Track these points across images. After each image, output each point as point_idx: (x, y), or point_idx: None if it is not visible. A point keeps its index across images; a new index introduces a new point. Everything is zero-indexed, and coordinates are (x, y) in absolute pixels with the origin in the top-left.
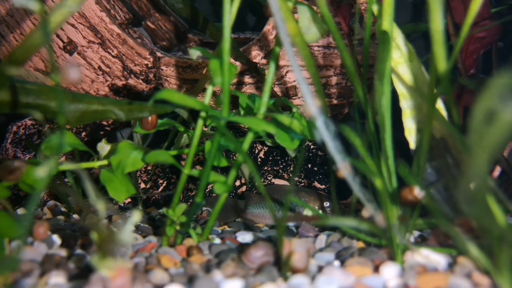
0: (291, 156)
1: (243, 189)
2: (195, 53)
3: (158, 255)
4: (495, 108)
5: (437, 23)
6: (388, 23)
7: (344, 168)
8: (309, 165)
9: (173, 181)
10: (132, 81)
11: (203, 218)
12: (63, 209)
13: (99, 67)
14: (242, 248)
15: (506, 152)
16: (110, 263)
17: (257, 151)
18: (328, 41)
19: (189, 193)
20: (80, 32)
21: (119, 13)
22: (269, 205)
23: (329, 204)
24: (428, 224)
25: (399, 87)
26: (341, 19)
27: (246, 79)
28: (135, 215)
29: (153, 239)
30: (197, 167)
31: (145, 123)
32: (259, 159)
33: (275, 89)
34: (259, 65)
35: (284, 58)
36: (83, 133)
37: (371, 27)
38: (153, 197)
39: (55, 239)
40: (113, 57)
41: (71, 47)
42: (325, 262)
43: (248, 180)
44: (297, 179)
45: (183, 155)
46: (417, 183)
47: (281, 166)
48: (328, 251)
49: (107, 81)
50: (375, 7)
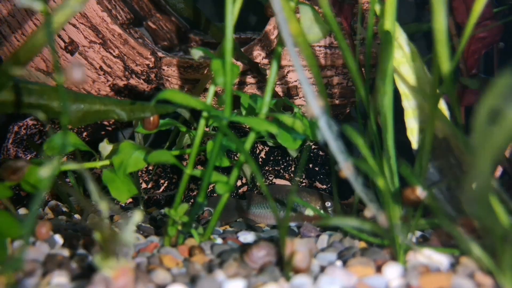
0: (293, 156)
1: (244, 189)
2: (197, 53)
3: (160, 255)
4: (499, 107)
5: (441, 22)
6: (390, 23)
7: (346, 168)
8: (310, 165)
9: (174, 181)
10: (133, 81)
11: (204, 218)
12: (64, 209)
13: (101, 67)
14: (244, 248)
15: (507, 152)
16: (112, 263)
17: (258, 151)
18: (329, 41)
19: (190, 193)
20: (81, 32)
21: (120, 13)
22: (271, 205)
23: (330, 204)
24: (430, 224)
25: (401, 87)
26: (342, 19)
27: (247, 79)
28: (137, 215)
29: (155, 239)
30: (198, 167)
31: (147, 123)
32: (260, 159)
33: (276, 89)
34: (260, 65)
35: (285, 58)
36: (84, 133)
37: (373, 27)
38: (155, 197)
39: (57, 239)
40: (115, 57)
41: (72, 47)
42: (327, 262)
43: (249, 180)
44: (298, 179)
45: (184, 155)
46: (419, 183)
47: (282, 166)
48: (330, 251)
49: (108, 81)
50: (377, 7)
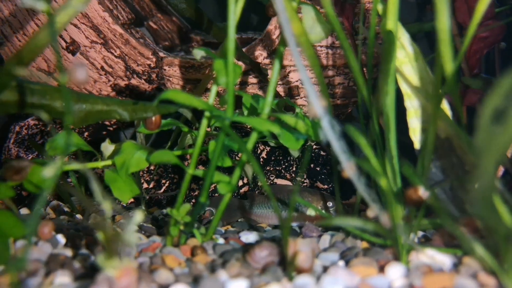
0: (294, 156)
1: (245, 189)
2: (199, 53)
3: (162, 255)
4: (503, 107)
5: (444, 22)
6: (392, 23)
7: (349, 168)
8: (312, 165)
9: (176, 181)
10: (134, 81)
11: (206, 218)
12: (66, 209)
13: (102, 67)
14: (246, 248)
15: (509, 152)
16: (116, 263)
17: (259, 151)
18: (330, 41)
19: (192, 193)
20: (82, 32)
21: (122, 13)
22: (273, 205)
23: (332, 204)
24: (432, 224)
25: (404, 87)
26: (344, 18)
27: (249, 79)
28: (138, 215)
29: (157, 239)
30: (199, 167)
31: (149, 123)
32: (261, 159)
33: (278, 89)
34: (261, 65)
35: (286, 58)
36: (86, 133)
37: (375, 27)
38: (156, 197)
39: (60, 238)
40: (116, 57)
41: (74, 47)
42: (330, 262)
43: (251, 180)
44: (299, 179)
45: (186, 155)
46: (421, 183)
47: (284, 166)
48: (332, 251)
49: (109, 81)
50: (379, 7)
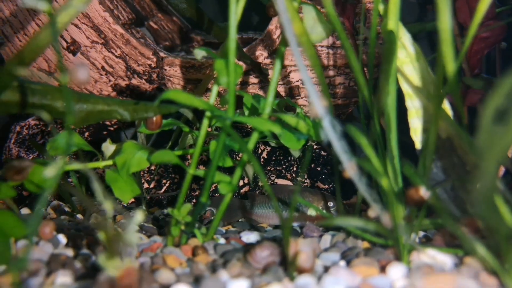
0: (295, 156)
1: (246, 189)
2: (200, 53)
3: (163, 255)
4: (505, 107)
5: (445, 22)
6: (393, 23)
7: (350, 168)
8: (312, 165)
9: (176, 181)
10: (135, 81)
11: (206, 218)
12: (67, 209)
13: (103, 67)
14: (247, 248)
15: (509, 152)
16: (117, 263)
17: (260, 151)
18: (331, 41)
19: (192, 193)
20: (83, 32)
21: (122, 13)
22: (274, 205)
23: (333, 204)
24: (434, 224)
25: (405, 87)
26: (345, 18)
27: (249, 79)
28: (139, 215)
29: (158, 239)
30: (200, 167)
31: (150, 123)
32: (262, 159)
33: (278, 89)
34: (262, 65)
35: (287, 58)
36: (86, 133)
37: (376, 27)
38: (157, 197)
39: (61, 238)
40: (117, 57)
41: (74, 47)
42: (331, 262)
43: (251, 180)
44: (300, 179)
45: (186, 155)
46: (423, 183)
47: (284, 166)
48: (333, 251)
49: (110, 81)
50: (380, 7)
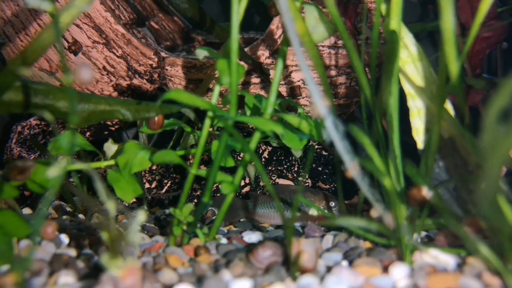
0: (297, 156)
1: (247, 189)
2: (202, 53)
3: (165, 254)
4: (508, 108)
5: (448, 22)
6: (396, 23)
7: (352, 168)
8: (314, 165)
9: (178, 181)
10: (136, 81)
11: (208, 218)
12: (68, 209)
13: (104, 67)
14: (249, 248)
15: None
16: (120, 262)
17: (261, 151)
18: (332, 40)
19: (193, 193)
20: (85, 32)
21: (124, 13)
22: (277, 205)
23: (334, 204)
24: (436, 224)
25: (407, 87)
26: (346, 18)
27: (251, 79)
28: (141, 215)
29: (160, 238)
30: (201, 167)
31: (152, 123)
32: (263, 159)
33: (280, 89)
34: (263, 65)
35: (288, 58)
36: (88, 133)
37: (379, 27)
38: (158, 197)
39: (63, 238)
40: (118, 57)
41: (76, 47)
42: (333, 262)
43: (253, 180)
44: (302, 179)
45: (188, 155)
46: (425, 183)
47: (285, 166)
48: (335, 251)
49: (111, 81)
50: (382, 6)
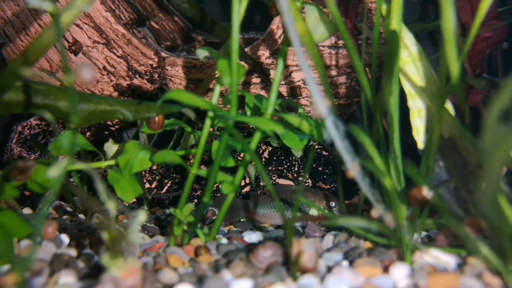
0: (297, 156)
1: (247, 189)
2: (202, 53)
3: (166, 254)
4: (510, 108)
5: (449, 21)
6: (396, 23)
7: (353, 168)
8: (314, 165)
9: (178, 181)
10: (136, 81)
11: (208, 218)
12: (68, 209)
13: (104, 67)
14: (250, 248)
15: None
16: (120, 262)
17: (261, 151)
18: (333, 40)
19: (194, 193)
20: (85, 32)
21: (124, 13)
22: (277, 205)
23: (335, 204)
24: (436, 224)
25: (407, 87)
26: (347, 19)
27: (251, 79)
28: (141, 215)
29: (160, 238)
30: (201, 167)
31: (152, 123)
32: (264, 159)
33: (280, 89)
34: (264, 65)
35: (288, 57)
36: (88, 133)
37: (379, 27)
38: (158, 197)
39: (64, 238)
40: (118, 57)
41: (76, 47)
42: (334, 262)
43: (253, 180)
44: (302, 179)
45: (188, 155)
46: (425, 183)
47: (286, 166)
48: (335, 251)
49: (112, 81)
50: (383, 7)
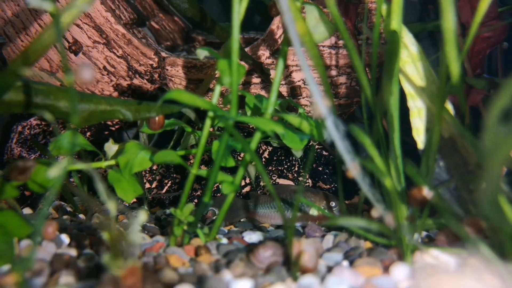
0: (297, 156)
1: (248, 189)
2: (202, 53)
3: (166, 254)
4: (510, 108)
5: (449, 21)
6: (396, 23)
7: (353, 168)
8: (314, 165)
9: (178, 181)
10: (136, 81)
11: (208, 218)
12: (68, 209)
13: (104, 67)
14: (250, 248)
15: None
16: (121, 262)
17: (261, 151)
18: (333, 40)
19: (194, 193)
20: (85, 32)
21: (124, 13)
22: (277, 205)
23: (335, 204)
24: (437, 224)
25: (407, 87)
26: (347, 19)
27: (251, 79)
28: (141, 215)
29: (160, 238)
30: (202, 167)
31: (152, 123)
32: (264, 159)
33: (280, 89)
34: (264, 65)
35: (288, 57)
36: (88, 133)
37: (379, 27)
38: (158, 197)
39: (64, 238)
40: (118, 57)
41: (76, 48)
42: (334, 262)
43: (254, 180)
44: (301, 179)
45: (188, 155)
46: (425, 183)
47: (286, 166)
48: (336, 251)
49: (112, 81)
50: (383, 7)
